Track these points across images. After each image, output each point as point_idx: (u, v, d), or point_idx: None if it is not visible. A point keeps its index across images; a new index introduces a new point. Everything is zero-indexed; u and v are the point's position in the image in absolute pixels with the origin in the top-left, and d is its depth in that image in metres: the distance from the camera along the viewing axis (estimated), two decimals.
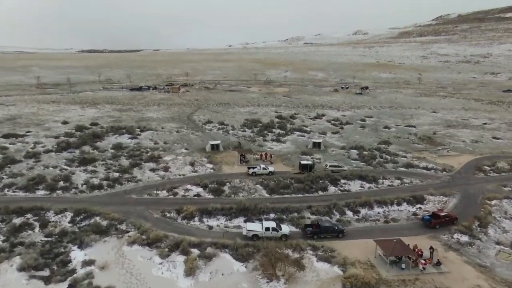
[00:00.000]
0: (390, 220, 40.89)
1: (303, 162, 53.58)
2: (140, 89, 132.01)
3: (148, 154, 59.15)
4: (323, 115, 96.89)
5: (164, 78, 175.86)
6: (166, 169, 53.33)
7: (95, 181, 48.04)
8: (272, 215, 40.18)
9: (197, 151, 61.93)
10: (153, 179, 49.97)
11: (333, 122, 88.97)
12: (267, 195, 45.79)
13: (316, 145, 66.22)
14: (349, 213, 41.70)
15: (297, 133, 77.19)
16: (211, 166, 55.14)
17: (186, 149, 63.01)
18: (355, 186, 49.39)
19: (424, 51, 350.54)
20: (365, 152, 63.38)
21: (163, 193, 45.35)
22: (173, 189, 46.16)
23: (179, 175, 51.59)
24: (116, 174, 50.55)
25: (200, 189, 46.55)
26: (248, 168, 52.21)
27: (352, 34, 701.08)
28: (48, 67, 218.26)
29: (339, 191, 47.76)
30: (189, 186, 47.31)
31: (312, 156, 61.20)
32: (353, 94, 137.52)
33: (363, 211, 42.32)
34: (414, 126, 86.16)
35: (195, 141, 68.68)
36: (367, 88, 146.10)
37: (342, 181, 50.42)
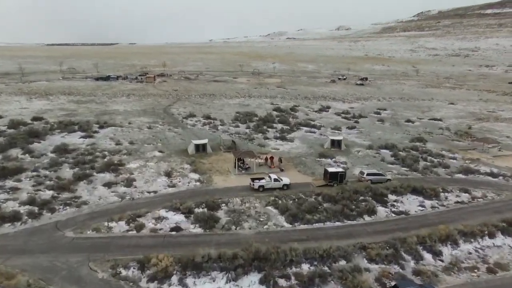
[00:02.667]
0: (494, 266, 25.23)
1: (331, 169, 37.23)
2: (107, 78, 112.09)
3: (105, 160, 41.21)
4: (328, 107, 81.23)
5: (138, 69, 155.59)
6: (128, 183, 35.70)
7: (10, 206, 29.92)
8: (306, 267, 23.59)
9: (176, 154, 44.56)
10: (107, 200, 32.35)
11: (343, 115, 73.38)
12: (287, 225, 29.19)
13: (336, 143, 50.20)
14: (427, 257, 25.71)
15: (305, 128, 60.94)
16: (196, 177, 37.93)
17: (160, 151, 45.45)
18: (411, 204, 33.59)
19: (412, 45, 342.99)
20: (400, 153, 47.92)
21: (119, 226, 27.88)
22: (136, 219, 28.77)
23: (149, 192, 34.17)
24: (49, 194, 32.53)
25: (180, 217, 29.41)
26: (253, 180, 35.36)
27: (335, 29, 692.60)
28: (2, 57, 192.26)
29: (393, 214, 31.77)
30: (163, 212, 30.06)
31: (334, 159, 45.10)
32: (353, 85, 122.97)
33: (447, 251, 26.44)
34: (440, 120, 71.84)
35: (173, 140, 51.16)
36: (366, 79, 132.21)
37: (391, 197, 34.52)
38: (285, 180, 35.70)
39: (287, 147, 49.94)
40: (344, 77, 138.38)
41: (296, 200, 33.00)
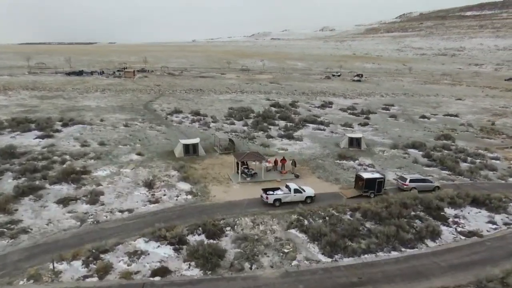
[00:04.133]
0: None
1: (365, 175, 28.47)
2: (80, 73, 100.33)
3: (64, 166, 31.08)
4: (331, 103, 73.01)
5: (117, 65, 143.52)
6: (93, 197, 25.81)
7: None
8: None
9: (160, 158, 34.90)
10: (60, 225, 22.47)
11: (349, 111, 65.21)
12: (324, 259, 20.10)
13: (354, 142, 41.66)
14: None
15: (311, 125, 52.24)
16: (187, 187, 28.42)
17: (139, 153, 35.60)
18: (478, 221, 25.21)
19: (398, 45, 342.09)
20: (432, 152, 39.83)
21: (72, 269, 18.14)
22: (100, 256, 19.11)
23: (121, 211, 24.43)
24: None
25: (167, 251, 19.94)
26: (265, 191, 26.14)
27: (319, 30, 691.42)
28: None
29: (462, 237, 23.21)
30: (141, 243, 20.50)
31: (357, 161, 36.51)
32: (349, 81, 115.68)
33: None
34: (456, 116, 64.72)
35: (156, 140, 41.39)
36: (361, 75, 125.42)
37: (449, 210, 26.10)
38: (309, 190, 26.70)
39: (296, 147, 41.01)
40: (339, 74, 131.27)
41: (327, 218, 24.09)
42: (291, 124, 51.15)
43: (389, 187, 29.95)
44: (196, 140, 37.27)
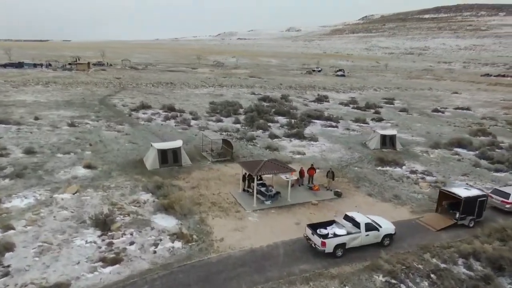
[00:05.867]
0: None
1: (460, 192, 18.09)
2: (20, 65, 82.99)
3: None
4: (326, 97, 63.27)
5: (69, 59, 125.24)
6: None
7: None
8: None
9: (121, 171, 22.55)
10: None
11: (352, 105, 55.85)
12: None
13: (388, 141, 31.70)
14: None
15: (318, 121, 41.84)
16: (171, 224, 16.45)
17: (88, 166, 22.93)
18: None
19: (365, 44, 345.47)
20: (490, 153, 30.76)
21: None
22: None
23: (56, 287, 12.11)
24: None
25: None
26: (313, 229, 14.85)
27: (285, 30, 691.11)
28: None
29: None
30: None
31: (405, 167, 26.43)
32: (333, 77, 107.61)
33: None
34: (467, 109, 57.52)
35: (115, 143, 28.72)
36: (343, 71, 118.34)
37: None
38: (385, 225, 15.76)
39: (315, 150, 30.22)
40: (319, 69, 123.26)
41: (433, 276, 13.43)
42: (293, 120, 40.35)
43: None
44: (177, 144, 25.20)
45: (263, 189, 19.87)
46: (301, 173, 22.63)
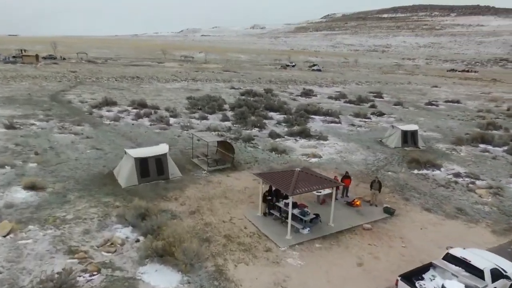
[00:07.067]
0: None
1: None
2: None
3: None
4: (311, 91, 58.50)
5: (14, 52, 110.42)
6: None
7: None
8: None
9: (82, 191, 15.50)
10: None
11: (343, 100, 51.50)
12: None
13: (409, 138, 27.09)
14: None
15: (317, 117, 36.61)
16: (172, 283, 10.16)
17: (31, 186, 15.64)
18: None
19: (331, 42, 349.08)
20: None
21: None
22: None
23: None
24: None
25: None
26: (409, 284, 9.26)
27: (250, 28, 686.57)
28: None
29: None
30: None
31: (444, 169, 21.78)
32: (309, 71, 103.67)
33: None
34: (458, 102, 55.37)
35: (72, 151, 21.35)
36: (317, 65, 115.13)
37: None
38: (510, 268, 10.53)
39: (330, 151, 24.75)
40: (293, 64, 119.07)
41: None
42: (290, 116, 34.72)
43: None
44: (161, 149, 18.49)
45: (296, 211, 13.98)
46: (336, 183, 16.99)
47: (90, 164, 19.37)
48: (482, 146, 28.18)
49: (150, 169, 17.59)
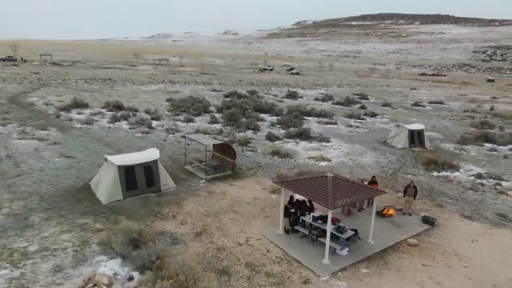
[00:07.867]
0: None
1: None
2: None
3: None
4: (296, 93, 56.57)
5: None
6: None
7: None
8: None
9: (51, 213, 11.85)
10: None
11: (331, 101, 49.92)
12: None
13: (416, 138, 25.31)
14: None
15: (310, 118, 34.37)
16: None
17: None
18: None
19: (304, 47, 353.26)
20: None
21: None
22: None
23: None
24: None
25: None
26: None
27: (222, 33, 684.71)
28: None
29: None
30: None
31: (462, 170, 19.97)
32: (287, 75, 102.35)
33: None
34: (441, 103, 55.43)
35: (34, 160, 17.45)
36: (294, 69, 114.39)
37: None
38: None
39: (337, 154, 22.33)
40: (271, 68, 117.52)
41: None
42: (284, 118, 32.15)
43: None
44: (151, 155, 15.14)
45: (331, 227, 11.21)
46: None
47: (60, 176, 15.67)
48: (487, 145, 26.98)
49: (138, 180, 14.24)
